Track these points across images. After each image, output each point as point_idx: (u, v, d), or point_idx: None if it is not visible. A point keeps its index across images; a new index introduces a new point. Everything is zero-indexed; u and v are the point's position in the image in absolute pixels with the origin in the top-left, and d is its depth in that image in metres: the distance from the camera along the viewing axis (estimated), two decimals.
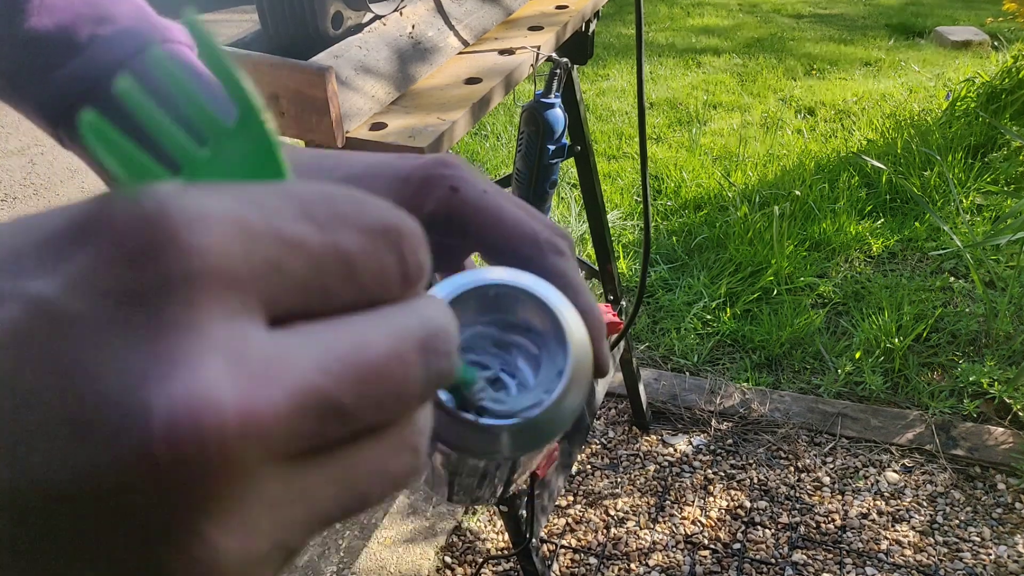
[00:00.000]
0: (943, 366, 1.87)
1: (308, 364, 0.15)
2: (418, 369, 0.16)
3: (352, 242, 0.16)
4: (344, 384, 0.15)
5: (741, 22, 4.78)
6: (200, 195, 0.15)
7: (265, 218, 0.15)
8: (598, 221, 1.34)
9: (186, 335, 0.14)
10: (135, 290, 0.14)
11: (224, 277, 0.14)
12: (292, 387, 0.14)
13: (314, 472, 0.15)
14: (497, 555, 1.48)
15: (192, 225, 0.14)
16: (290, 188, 0.16)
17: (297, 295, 0.15)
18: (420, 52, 0.87)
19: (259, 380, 0.14)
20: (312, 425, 0.15)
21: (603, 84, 3.71)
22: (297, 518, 0.15)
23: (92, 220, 0.14)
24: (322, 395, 0.15)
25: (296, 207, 0.16)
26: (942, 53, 4.02)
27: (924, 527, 1.49)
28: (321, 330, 0.15)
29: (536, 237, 0.26)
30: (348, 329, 0.16)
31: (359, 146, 0.76)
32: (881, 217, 2.43)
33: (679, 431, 1.74)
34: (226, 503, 0.14)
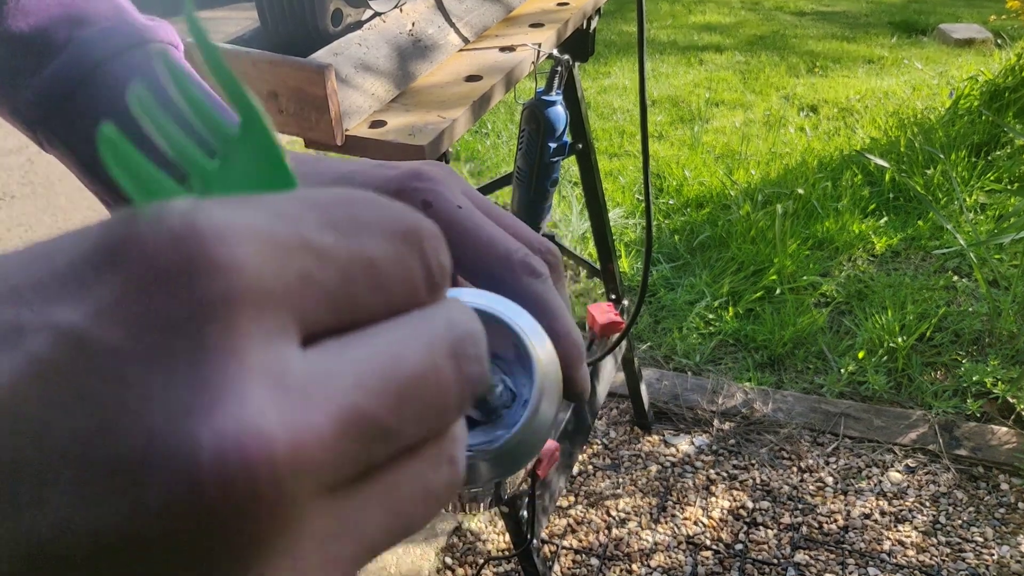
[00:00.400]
0: (946, 366, 1.86)
1: (347, 385, 0.14)
2: (453, 377, 0.16)
3: (377, 248, 0.16)
4: (385, 402, 0.14)
5: (743, 19, 4.77)
6: (224, 209, 0.14)
7: (292, 229, 0.14)
8: (599, 219, 1.33)
9: (229, 361, 0.13)
10: (172, 315, 0.13)
11: (260, 295, 0.13)
12: (336, 411, 0.14)
13: (359, 501, 0.15)
14: (498, 556, 1.47)
15: (224, 241, 0.13)
16: (308, 196, 0.16)
17: (328, 308, 0.15)
18: (420, 49, 0.86)
19: (303, 406, 0.13)
20: (357, 449, 0.14)
21: (605, 82, 3.70)
22: (345, 552, 0.15)
23: (118, 243, 0.13)
24: (365, 416, 0.14)
25: (318, 215, 0.15)
26: (945, 51, 4.01)
27: (927, 527, 1.49)
28: (354, 347, 0.15)
29: (510, 257, 0.25)
30: (379, 343, 0.15)
31: (359, 144, 0.75)
32: (884, 216, 2.42)
33: (681, 431, 1.74)
34: (277, 542, 0.13)
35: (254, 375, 0.13)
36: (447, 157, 0.80)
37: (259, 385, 0.13)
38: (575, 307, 2.12)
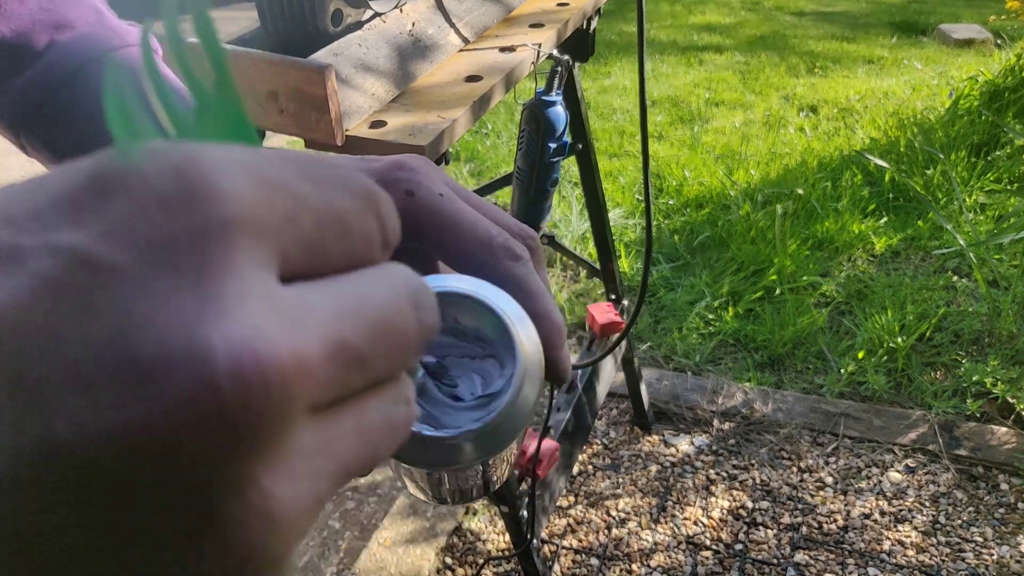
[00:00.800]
0: (946, 366, 1.86)
1: (328, 315, 0.15)
2: (413, 320, 0.17)
3: (344, 203, 0.17)
4: (361, 333, 0.16)
5: (743, 19, 4.77)
6: (217, 148, 0.15)
7: (278, 173, 0.16)
8: (599, 219, 1.33)
9: (231, 279, 0.14)
10: (175, 236, 0.14)
11: (254, 225, 0.14)
12: (322, 336, 0.15)
13: (336, 424, 0.16)
14: (498, 556, 1.47)
15: (223, 173, 0.14)
16: (285, 151, 0.17)
17: (302, 250, 0.16)
18: (420, 50, 0.86)
19: (296, 328, 0.14)
20: (339, 374, 0.15)
21: (604, 82, 3.70)
22: (326, 468, 0.16)
23: (116, 173, 0.14)
24: (346, 344, 0.15)
25: (296, 167, 0.16)
26: (945, 51, 4.01)
27: (927, 527, 1.49)
28: (327, 285, 0.16)
29: (490, 242, 0.25)
30: (349, 284, 0.16)
31: (359, 144, 0.75)
32: (884, 216, 2.42)
33: (681, 431, 1.74)
34: (277, 447, 0.14)
35: (253, 294, 0.14)
36: (447, 157, 0.80)
37: (258, 302, 0.14)
38: (575, 307, 2.12)
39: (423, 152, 0.73)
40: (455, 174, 2.83)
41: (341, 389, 0.15)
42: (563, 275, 2.29)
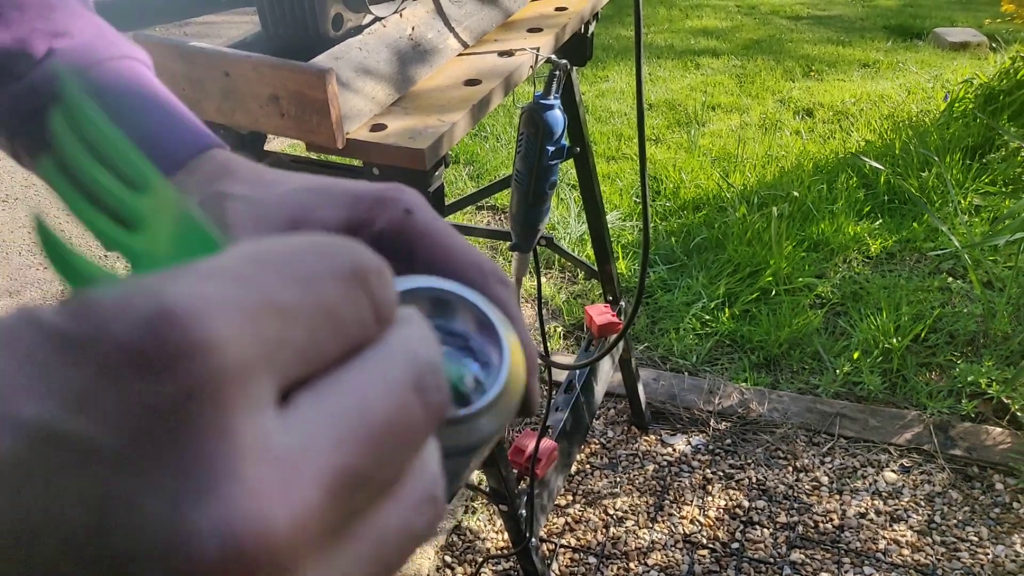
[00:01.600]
0: (941, 366, 1.87)
1: (327, 446, 0.14)
2: (420, 411, 0.16)
3: (333, 294, 0.16)
4: (363, 453, 0.15)
5: (739, 24, 4.79)
6: (186, 284, 0.14)
7: (256, 294, 0.14)
8: (597, 222, 1.34)
9: (220, 444, 0.13)
10: (150, 402, 0.13)
11: (241, 369, 0.13)
12: (321, 476, 0.14)
13: (347, 549, 0.15)
14: (497, 554, 1.48)
15: (196, 319, 0.13)
16: (258, 255, 0.16)
17: (298, 362, 0.15)
18: (420, 54, 0.87)
19: (293, 478, 0.13)
20: (343, 503, 0.14)
21: (602, 86, 3.72)
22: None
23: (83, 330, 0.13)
24: (347, 472, 0.14)
25: (275, 273, 0.15)
26: (940, 54, 4.03)
27: (922, 527, 1.50)
28: (324, 401, 0.15)
29: (482, 265, 0.26)
30: (347, 393, 0.15)
31: (360, 147, 0.76)
32: (879, 218, 2.44)
33: (678, 431, 1.75)
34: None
35: (245, 453, 0.13)
36: (447, 160, 0.81)
37: (251, 463, 0.13)
38: (573, 308, 2.13)
39: (423, 155, 0.75)
40: (455, 177, 2.84)
41: (348, 514, 0.15)
42: (561, 277, 2.30)
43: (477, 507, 1.58)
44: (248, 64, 0.72)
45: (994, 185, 2.51)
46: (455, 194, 2.69)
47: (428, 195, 0.81)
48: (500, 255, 2.40)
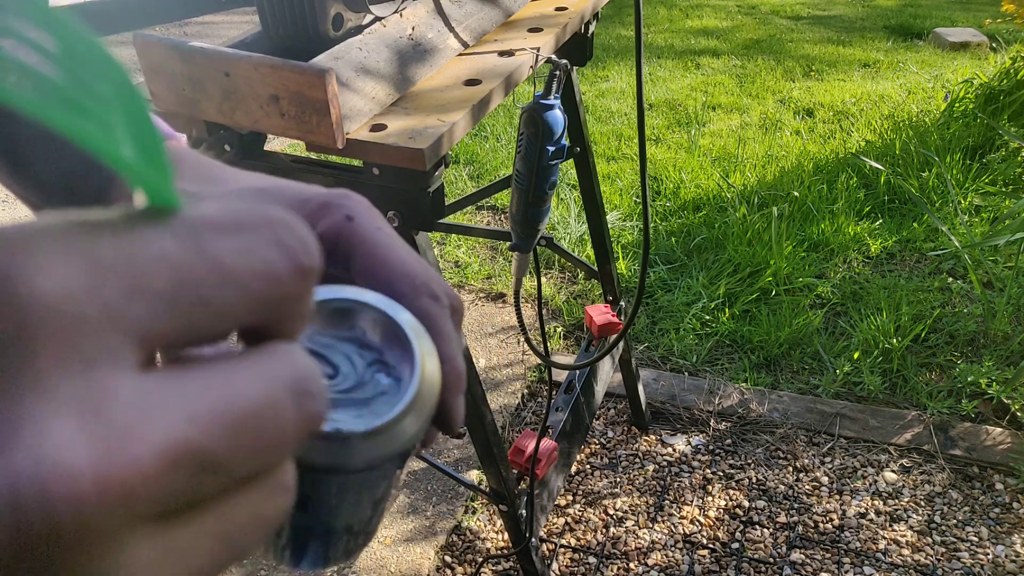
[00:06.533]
0: (941, 366, 1.87)
1: (177, 416, 0.14)
2: (290, 414, 0.16)
3: (222, 243, 0.15)
4: (216, 435, 0.14)
5: (740, 24, 4.79)
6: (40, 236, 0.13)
7: (114, 244, 0.14)
8: (597, 222, 1.34)
9: (29, 395, 0.12)
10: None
11: (75, 322, 0.13)
12: (159, 443, 0.13)
13: (188, 528, 0.15)
14: (497, 554, 1.48)
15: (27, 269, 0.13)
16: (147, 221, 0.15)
17: (171, 316, 0.14)
18: (420, 54, 0.87)
19: (121, 438, 0.13)
20: (183, 481, 0.14)
21: (602, 85, 3.72)
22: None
23: None
24: (193, 449, 0.14)
25: (152, 237, 0.15)
26: (940, 54, 4.03)
27: (922, 527, 1.50)
28: (192, 376, 0.15)
29: (414, 278, 0.26)
30: (219, 374, 0.15)
31: (360, 147, 0.76)
32: (879, 218, 2.44)
33: (678, 431, 1.75)
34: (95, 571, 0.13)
35: (62, 407, 0.12)
36: (447, 160, 0.81)
37: (68, 417, 0.12)
38: (573, 308, 2.13)
39: (422, 155, 0.75)
40: (455, 177, 2.84)
41: (192, 495, 0.14)
42: (561, 277, 2.30)
43: (477, 507, 1.58)
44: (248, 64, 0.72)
45: (994, 185, 2.51)
46: (455, 194, 2.69)
47: (428, 195, 0.81)
48: (500, 255, 2.40)
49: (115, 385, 0.13)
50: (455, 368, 0.25)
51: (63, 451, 0.12)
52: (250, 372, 0.16)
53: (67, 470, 0.12)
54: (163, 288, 0.14)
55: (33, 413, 0.12)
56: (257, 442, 0.15)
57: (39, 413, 0.12)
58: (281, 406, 0.16)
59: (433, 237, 2.45)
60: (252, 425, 0.15)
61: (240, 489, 0.16)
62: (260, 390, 0.15)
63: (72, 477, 0.12)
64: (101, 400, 0.13)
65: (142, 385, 0.14)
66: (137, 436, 0.13)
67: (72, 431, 0.12)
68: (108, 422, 0.13)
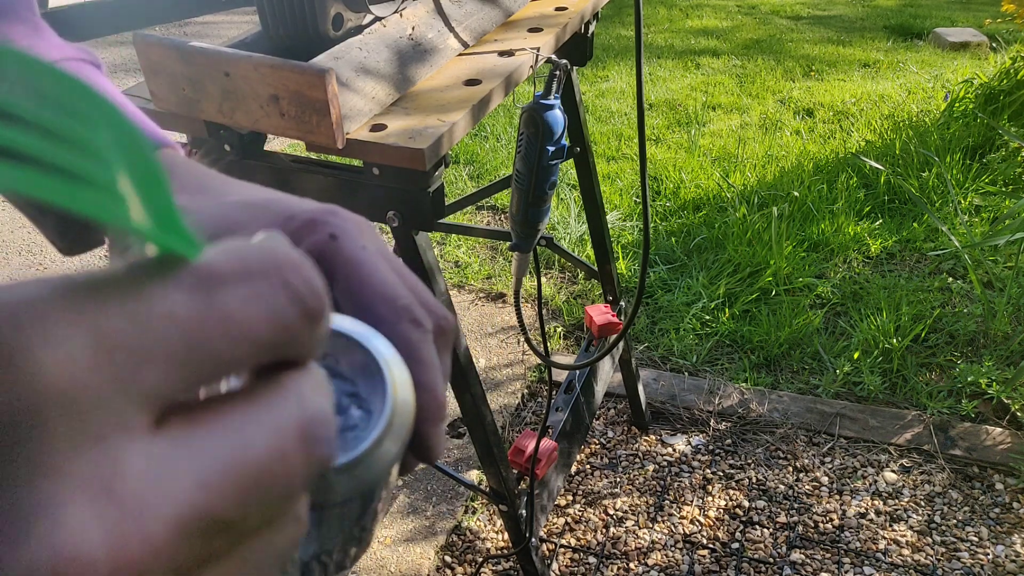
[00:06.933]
0: (941, 366, 1.87)
1: (187, 483, 0.14)
2: (300, 461, 0.16)
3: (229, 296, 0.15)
4: (227, 497, 0.14)
5: (740, 23, 4.79)
6: (46, 306, 0.13)
7: (125, 308, 0.14)
8: (597, 222, 1.34)
9: (42, 478, 0.12)
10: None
11: (85, 398, 0.13)
12: (172, 514, 0.13)
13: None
14: (497, 554, 1.48)
15: (35, 345, 0.12)
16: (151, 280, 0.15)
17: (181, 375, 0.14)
18: (420, 54, 0.87)
19: (134, 515, 0.13)
20: (197, 546, 0.14)
21: (602, 85, 3.72)
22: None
23: None
24: (205, 515, 0.14)
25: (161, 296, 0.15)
26: (940, 54, 4.03)
27: (922, 527, 1.50)
28: (201, 434, 0.14)
29: (395, 302, 0.25)
30: (228, 428, 0.15)
31: (360, 147, 0.76)
32: (879, 218, 2.44)
33: (678, 431, 1.75)
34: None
35: (75, 490, 0.12)
36: (447, 160, 0.81)
37: (81, 500, 0.12)
38: (573, 308, 2.13)
39: (422, 155, 0.75)
40: (455, 177, 2.84)
41: (205, 555, 0.14)
42: (561, 277, 2.30)
43: (477, 507, 1.58)
44: (248, 64, 0.72)
45: (994, 185, 2.52)
46: (455, 194, 2.69)
47: (428, 195, 0.81)
48: (500, 255, 2.40)
49: (126, 457, 0.13)
50: (434, 398, 0.24)
51: (78, 540, 0.12)
52: (259, 423, 0.15)
53: (84, 561, 0.12)
54: (173, 349, 0.14)
55: (47, 499, 0.12)
56: (267, 496, 0.15)
57: (53, 498, 0.12)
58: (291, 456, 0.15)
59: (433, 237, 2.45)
60: (262, 480, 0.15)
61: (252, 535, 0.16)
62: (269, 442, 0.15)
63: (89, 566, 0.12)
64: (113, 476, 0.13)
65: (152, 451, 0.14)
66: (150, 513, 0.13)
67: (86, 516, 0.12)
68: (120, 501, 0.13)
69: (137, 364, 0.14)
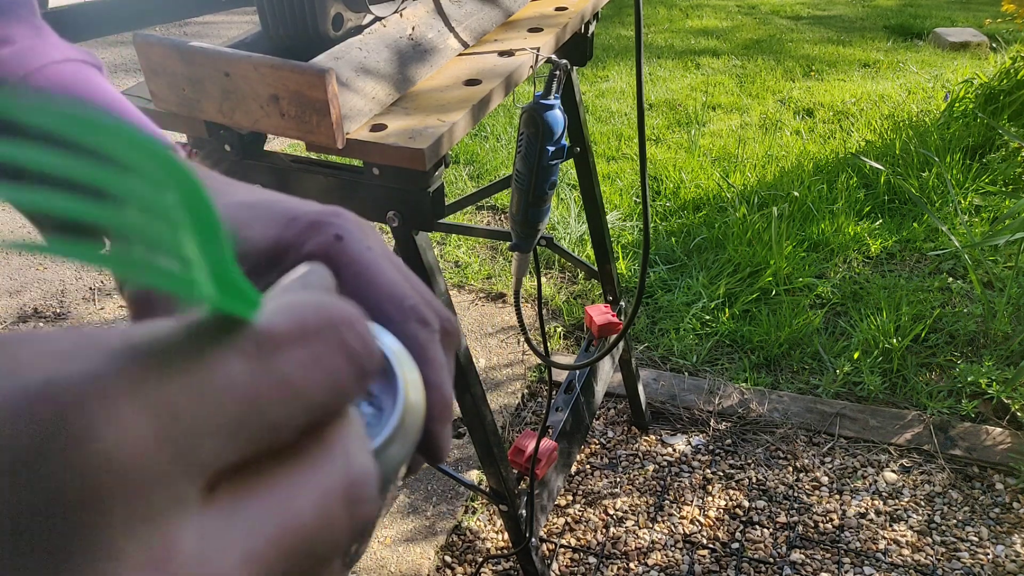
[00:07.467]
0: (941, 366, 1.87)
1: (238, 556, 0.14)
2: (344, 523, 0.16)
3: (290, 361, 0.15)
4: (275, 566, 0.14)
5: (740, 23, 4.79)
6: (107, 381, 0.13)
7: (185, 378, 0.14)
8: (597, 222, 1.34)
9: (103, 561, 0.12)
10: (27, 513, 0.11)
11: (145, 476, 0.12)
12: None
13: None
14: (497, 554, 1.48)
15: (98, 424, 0.12)
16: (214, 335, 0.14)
17: (234, 447, 0.14)
18: (420, 53, 0.87)
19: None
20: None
21: (602, 85, 3.72)
22: None
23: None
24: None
25: (220, 363, 0.14)
26: (940, 54, 4.03)
27: (922, 527, 1.50)
28: (250, 504, 0.14)
29: (403, 302, 0.25)
30: (276, 495, 0.15)
31: (360, 147, 0.76)
32: (879, 218, 2.44)
33: (678, 431, 1.75)
34: None
35: (132, 570, 0.12)
36: (447, 160, 0.81)
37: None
38: (573, 308, 2.13)
39: (422, 155, 0.75)
40: (455, 177, 2.84)
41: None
42: (561, 277, 2.30)
43: (477, 507, 1.58)
44: (248, 64, 0.72)
45: (994, 185, 2.52)
46: (455, 194, 2.69)
47: (428, 195, 0.81)
48: (500, 255, 2.40)
49: (179, 535, 0.13)
50: (442, 396, 0.25)
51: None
52: (306, 487, 0.15)
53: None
54: (230, 420, 0.14)
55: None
56: (311, 559, 0.15)
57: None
58: (337, 520, 0.15)
59: (433, 237, 2.45)
60: (308, 546, 0.15)
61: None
62: (316, 508, 0.15)
63: None
64: (167, 557, 0.13)
65: (203, 526, 0.13)
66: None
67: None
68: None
69: (196, 437, 0.13)
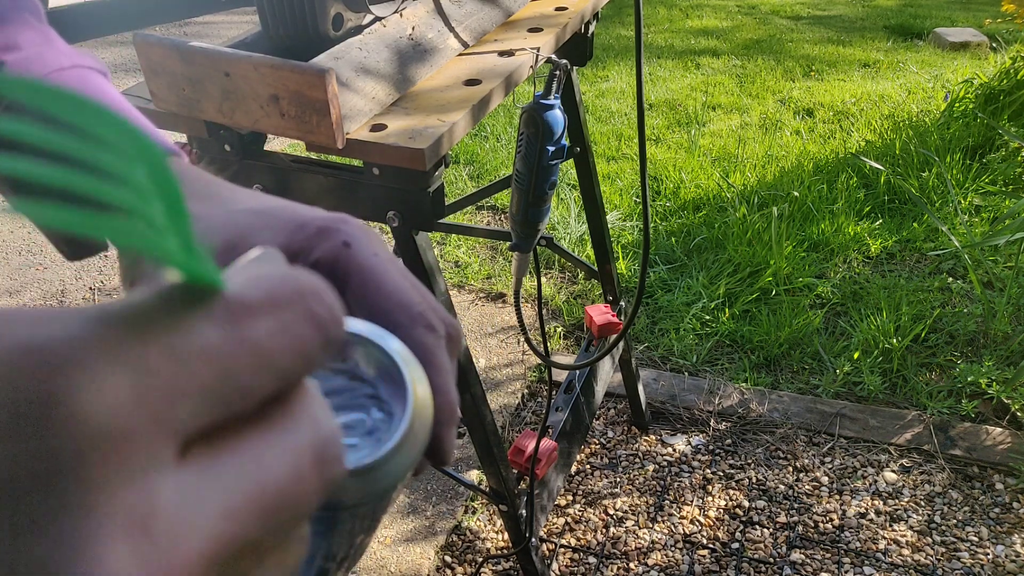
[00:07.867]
0: (941, 366, 1.87)
1: (215, 513, 0.14)
2: (315, 482, 0.16)
3: (261, 328, 0.16)
4: (251, 523, 0.15)
5: (740, 23, 4.79)
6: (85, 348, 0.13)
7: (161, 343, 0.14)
8: (597, 222, 1.34)
9: (81, 517, 0.12)
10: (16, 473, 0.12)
11: (123, 437, 0.13)
12: (204, 548, 0.14)
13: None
14: (497, 554, 1.48)
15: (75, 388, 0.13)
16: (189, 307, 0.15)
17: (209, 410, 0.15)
18: (420, 53, 0.87)
19: (168, 549, 0.13)
20: (224, 572, 0.14)
21: (602, 85, 3.72)
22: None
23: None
24: (232, 542, 0.14)
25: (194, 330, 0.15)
26: (940, 54, 4.03)
27: (922, 527, 1.50)
28: (224, 463, 0.15)
29: (410, 308, 0.26)
30: (248, 455, 0.15)
31: (360, 147, 0.76)
32: (879, 218, 2.44)
33: (678, 431, 1.75)
34: None
35: (111, 528, 0.13)
36: (447, 160, 0.81)
37: (118, 537, 0.13)
38: (573, 308, 2.13)
39: (423, 155, 0.75)
40: (455, 177, 2.84)
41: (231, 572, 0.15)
42: (561, 277, 2.30)
43: (477, 507, 1.58)
44: (248, 64, 0.72)
45: (994, 185, 2.52)
46: (455, 194, 2.69)
47: (428, 195, 0.81)
48: (500, 255, 2.40)
49: (159, 492, 0.13)
50: (448, 401, 0.25)
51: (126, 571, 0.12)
52: (277, 447, 0.16)
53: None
54: (206, 383, 0.15)
55: (87, 537, 0.12)
56: (285, 516, 0.16)
57: (92, 537, 0.12)
58: (307, 478, 0.16)
59: (433, 237, 2.45)
60: (282, 504, 0.15)
61: (268, 555, 0.16)
62: (287, 466, 0.16)
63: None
64: (147, 513, 0.13)
65: (180, 483, 0.14)
66: (183, 548, 0.13)
67: (124, 554, 0.13)
68: (155, 536, 0.13)
69: (172, 399, 0.14)
